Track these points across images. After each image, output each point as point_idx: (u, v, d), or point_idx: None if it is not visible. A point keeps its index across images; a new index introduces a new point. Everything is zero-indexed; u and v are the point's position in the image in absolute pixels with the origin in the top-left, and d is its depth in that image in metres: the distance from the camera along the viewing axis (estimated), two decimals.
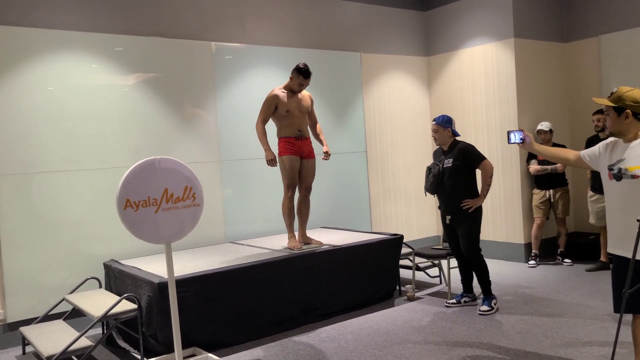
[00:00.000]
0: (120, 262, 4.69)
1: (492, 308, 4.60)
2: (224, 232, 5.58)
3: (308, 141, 4.89)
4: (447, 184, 4.66)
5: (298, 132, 4.78)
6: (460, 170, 4.62)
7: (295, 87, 4.73)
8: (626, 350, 3.58)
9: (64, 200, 4.69)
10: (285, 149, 4.75)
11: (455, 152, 4.65)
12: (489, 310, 4.57)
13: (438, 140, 4.72)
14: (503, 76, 6.43)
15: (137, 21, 5.10)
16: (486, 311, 4.57)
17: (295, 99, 4.77)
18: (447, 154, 4.71)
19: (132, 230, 3.36)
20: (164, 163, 3.46)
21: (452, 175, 4.63)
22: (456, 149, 4.66)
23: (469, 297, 4.86)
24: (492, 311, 4.58)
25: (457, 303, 4.83)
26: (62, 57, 4.70)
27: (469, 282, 4.87)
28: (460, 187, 4.63)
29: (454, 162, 4.62)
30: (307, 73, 4.69)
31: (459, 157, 4.62)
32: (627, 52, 6.27)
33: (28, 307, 4.54)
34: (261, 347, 4.11)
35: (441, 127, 4.68)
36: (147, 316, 3.93)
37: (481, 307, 4.61)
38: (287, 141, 4.76)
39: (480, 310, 4.59)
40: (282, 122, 4.77)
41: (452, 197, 4.65)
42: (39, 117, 4.59)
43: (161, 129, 5.20)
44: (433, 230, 7.34)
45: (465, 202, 4.59)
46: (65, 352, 3.58)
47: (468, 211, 4.59)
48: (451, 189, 4.64)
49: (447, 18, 7.06)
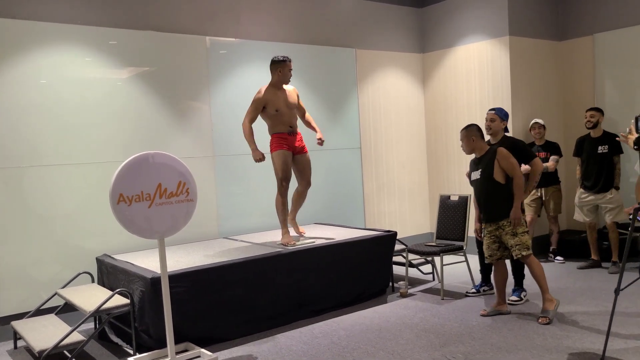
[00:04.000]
0: (113, 257, 4.68)
1: (521, 299, 4.74)
2: (218, 227, 5.57)
3: (299, 135, 4.98)
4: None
5: (290, 128, 4.86)
6: None
7: (286, 77, 4.78)
8: (618, 346, 3.61)
9: (57, 194, 4.67)
10: (277, 144, 4.80)
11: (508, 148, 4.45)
12: (518, 301, 4.71)
13: (492, 130, 4.71)
14: (498, 74, 6.45)
15: (131, 15, 5.06)
16: (515, 301, 4.70)
17: (283, 97, 4.82)
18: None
19: (125, 225, 3.35)
20: (157, 158, 3.46)
21: None
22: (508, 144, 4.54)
23: (487, 287, 5.05)
24: (522, 302, 4.71)
25: (477, 292, 5.03)
26: (55, 50, 4.67)
27: (488, 274, 5.05)
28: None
29: None
30: (286, 58, 4.79)
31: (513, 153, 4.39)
32: (621, 50, 6.30)
33: (20, 302, 4.51)
34: (254, 343, 4.12)
35: (499, 118, 4.70)
36: (139, 311, 3.92)
37: (511, 297, 4.73)
38: (280, 137, 4.82)
39: (510, 300, 4.70)
40: (273, 121, 4.83)
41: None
42: (32, 111, 4.56)
43: (155, 123, 5.18)
44: (426, 227, 7.36)
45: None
46: (57, 346, 3.57)
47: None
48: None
49: (442, 15, 7.05)
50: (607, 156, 5.68)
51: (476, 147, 4.45)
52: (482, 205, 4.45)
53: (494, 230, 4.37)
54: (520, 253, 4.24)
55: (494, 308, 4.47)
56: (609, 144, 5.71)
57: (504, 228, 4.30)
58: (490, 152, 4.38)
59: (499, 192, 4.31)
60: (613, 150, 5.70)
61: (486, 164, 4.35)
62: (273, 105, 4.76)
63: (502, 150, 4.32)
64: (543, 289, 4.29)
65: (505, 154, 4.30)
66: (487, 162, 4.35)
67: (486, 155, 4.40)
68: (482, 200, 4.44)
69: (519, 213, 4.26)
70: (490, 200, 4.36)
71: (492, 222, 4.37)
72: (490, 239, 4.42)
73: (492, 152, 4.36)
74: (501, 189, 4.30)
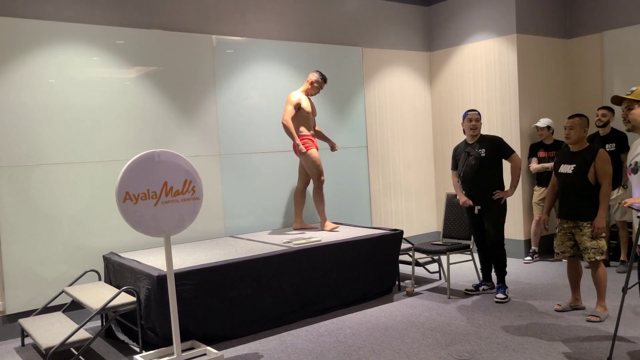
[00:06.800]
0: (119, 255, 4.69)
1: (506, 296, 4.79)
2: (224, 226, 5.58)
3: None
4: (479, 175, 4.75)
5: (313, 130, 5.51)
6: (493, 161, 4.77)
7: (315, 92, 5.44)
8: (626, 346, 3.58)
9: (64, 193, 4.69)
10: (309, 144, 5.34)
11: (486, 143, 4.79)
12: (505, 299, 4.76)
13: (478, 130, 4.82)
14: (505, 72, 6.41)
15: (137, 13, 5.08)
16: (502, 299, 4.75)
17: (311, 103, 5.49)
18: (474, 145, 4.81)
19: (131, 223, 3.36)
20: (163, 156, 3.46)
21: (484, 166, 4.74)
22: (487, 140, 4.82)
23: (487, 286, 5.09)
24: (507, 299, 4.78)
25: (475, 290, 5.06)
26: (63, 49, 4.69)
27: (489, 272, 5.10)
28: (492, 178, 4.78)
29: (487, 153, 4.74)
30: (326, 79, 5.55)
31: (491, 147, 4.76)
32: (630, 48, 6.24)
33: (27, 299, 4.54)
34: (259, 341, 4.12)
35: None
36: (146, 309, 3.93)
37: (497, 295, 4.79)
38: (309, 138, 5.36)
39: (497, 298, 4.77)
40: (300, 122, 5.33)
41: (485, 188, 4.77)
42: (39, 110, 4.58)
43: (162, 122, 5.19)
44: (433, 226, 7.34)
45: (497, 193, 4.74)
46: (63, 343, 3.58)
47: (499, 202, 4.77)
48: (483, 179, 4.76)
49: (449, 13, 7.03)
50: (615, 154, 5.63)
51: (581, 139, 4.28)
52: (566, 200, 4.31)
53: (571, 227, 4.29)
54: (594, 257, 4.16)
55: (569, 304, 4.47)
56: (617, 142, 5.67)
57: (583, 229, 4.20)
58: (591, 151, 4.22)
59: (587, 193, 4.18)
60: (620, 148, 5.65)
61: (583, 161, 4.20)
62: (306, 108, 5.35)
63: (604, 154, 4.18)
64: (601, 295, 4.25)
65: (605, 159, 4.15)
66: (585, 160, 4.19)
67: (585, 153, 4.23)
68: (567, 196, 4.30)
69: (603, 222, 4.15)
70: (575, 198, 4.23)
71: (571, 220, 4.28)
72: (565, 236, 4.33)
73: (593, 151, 4.20)
74: (590, 190, 4.18)
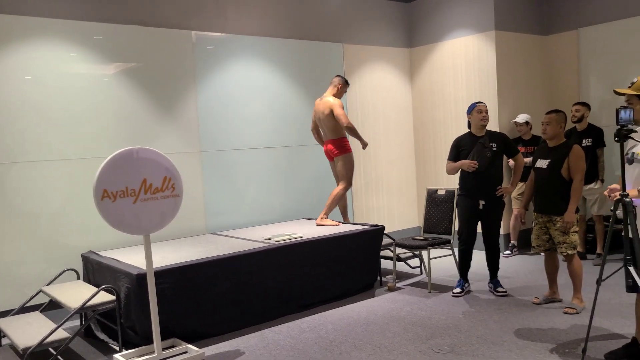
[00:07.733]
0: (98, 254, 4.64)
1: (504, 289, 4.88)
2: (205, 223, 5.55)
3: None
4: (490, 167, 4.77)
5: None
6: (500, 157, 4.81)
7: (341, 95, 5.53)
8: (601, 337, 3.65)
9: (42, 191, 4.62)
10: (349, 147, 5.49)
11: (496, 138, 4.80)
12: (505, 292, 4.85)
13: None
14: (484, 68, 6.47)
15: (116, 9, 5.02)
16: (503, 292, 4.84)
17: None
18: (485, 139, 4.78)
19: (109, 221, 3.33)
20: (142, 153, 3.43)
21: (494, 160, 4.78)
22: (495, 135, 4.83)
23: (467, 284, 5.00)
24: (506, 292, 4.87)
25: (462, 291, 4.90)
26: (39, 45, 4.61)
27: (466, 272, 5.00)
28: (497, 174, 4.82)
29: (497, 148, 4.76)
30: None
31: (500, 144, 4.78)
32: (606, 45, 6.34)
33: (4, 299, 4.47)
34: (241, 338, 4.11)
35: None
36: (125, 308, 3.90)
37: (498, 289, 4.86)
38: (347, 140, 5.52)
39: (499, 291, 4.84)
40: (338, 125, 5.40)
41: (491, 183, 4.79)
42: (16, 107, 4.51)
43: (141, 119, 5.14)
44: (414, 222, 7.39)
45: (501, 189, 4.79)
46: (41, 344, 3.54)
47: (502, 197, 4.83)
48: (492, 173, 4.78)
49: (429, 10, 7.06)
50: (591, 149, 5.73)
51: (557, 134, 4.33)
52: (541, 194, 4.38)
53: (546, 221, 4.36)
54: (566, 251, 4.25)
55: (547, 297, 4.54)
56: (593, 137, 5.76)
57: (555, 224, 4.28)
58: (566, 147, 4.28)
59: (560, 188, 4.25)
60: (596, 143, 5.75)
61: (558, 156, 4.26)
62: None
63: (578, 149, 4.24)
64: (577, 288, 4.32)
65: (579, 154, 4.21)
66: (560, 156, 4.25)
67: (560, 148, 4.30)
68: (542, 191, 4.36)
69: (573, 217, 4.20)
70: (550, 193, 4.30)
71: (545, 215, 4.35)
72: (540, 230, 4.40)
73: (568, 147, 4.27)
74: (563, 185, 4.24)
